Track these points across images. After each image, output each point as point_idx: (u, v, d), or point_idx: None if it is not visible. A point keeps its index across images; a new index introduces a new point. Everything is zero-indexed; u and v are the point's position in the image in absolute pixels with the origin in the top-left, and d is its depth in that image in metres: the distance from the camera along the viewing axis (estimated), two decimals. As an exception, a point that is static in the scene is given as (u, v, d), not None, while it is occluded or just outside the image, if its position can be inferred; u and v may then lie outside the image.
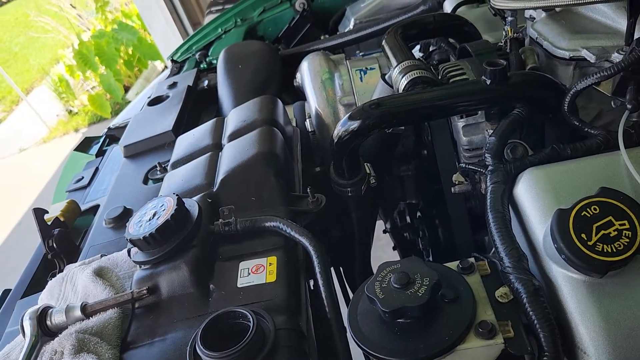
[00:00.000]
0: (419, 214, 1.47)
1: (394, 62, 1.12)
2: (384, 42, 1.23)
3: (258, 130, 1.15)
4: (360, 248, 1.26)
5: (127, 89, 7.34)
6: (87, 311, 0.88)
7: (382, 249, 1.80)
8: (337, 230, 1.25)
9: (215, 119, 1.30)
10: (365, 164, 1.13)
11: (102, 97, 7.03)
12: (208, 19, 3.31)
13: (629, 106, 0.89)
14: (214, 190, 1.06)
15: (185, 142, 1.27)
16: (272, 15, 2.14)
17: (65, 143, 7.05)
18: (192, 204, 0.99)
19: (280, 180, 1.06)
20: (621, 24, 1.06)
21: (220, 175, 1.08)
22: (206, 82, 1.73)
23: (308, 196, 1.06)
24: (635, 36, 1.00)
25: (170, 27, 5.77)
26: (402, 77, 1.04)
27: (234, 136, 1.19)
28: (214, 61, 1.98)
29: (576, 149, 0.91)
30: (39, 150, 7.30)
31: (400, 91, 1.03)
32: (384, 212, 1.61)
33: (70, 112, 7.88)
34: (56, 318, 0.87)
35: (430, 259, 1.42)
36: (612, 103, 1.00)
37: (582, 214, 0.74)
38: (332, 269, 1.40)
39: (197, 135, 1.28)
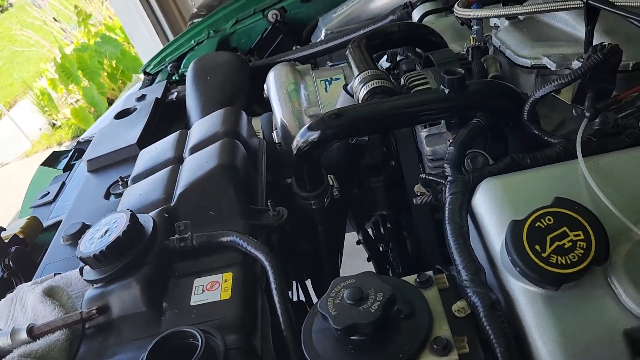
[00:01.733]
0: (388, 225, 1.45)
1: (355, 72, 1.11)
2: (347, 52, 1.21)
3: (219, 143, 1.13)
4: (328, 261, 1.23)
5: (110, 102, 7.29)
6: (34, 333, 0.85)
7: (363, 260, 1.77)
8: (306, 243, 1.23)
9: (178, 131, 1.28)
10: (328, 175, 1.11)
11: (85, 110, 6.97)
12: (189, 30, 3.28)
13: (587, 114, 0.88)
14: (172, 204, 1.04)
15: (147, 156, 1.24)
16: (245, 27, 2.12)
17: (48, 157, 6.96)
18: (147, 220, 0.96)
19: (239, 194, 1.04)
20: (581, 31, 1.06)
21: (178, 189, 1.05)
22: (175, 94, 1.70)
23: (269, 210, 1.04)
24: (594, 43, 0.99)
25: (153, 39, 5.73)
26: (362, 87, 1.02)
27: (195, 149, 1.17)
28: (186, 72, 1.96)
29: (536, 158, 0.89)
30: (22, 164, 7.22)
31: (360, 101, 1.02)
32: (356, 224, 1.59)
33: (53, 125, 7.82)
34: (1, 342, 0.84)
35: (400, 271, 1.40)
36: (574, 111, 0.99)
37: (537, 225, 0.73)
38: (305, 282, 1.38)
39: (159, 148, 1.25)
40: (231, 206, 1.02)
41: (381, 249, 1.67)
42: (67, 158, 1.76)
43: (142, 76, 2.20)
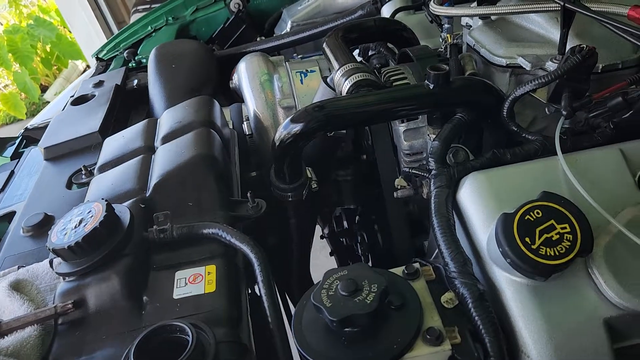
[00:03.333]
0: (357, 218, 1.46)
1: (335, 64, 1.11)
2: (325, 45, 1.21)
3: (195, 132, 1.10)
4: (299, 256, 1.23)
5: (44, 89, 6.92)
6: (2, 329, 0.79)
7: (318, 255, 1.77)
8: (274, 237, 1.21)
9: (147, 119, 1.23)
10: (306, 168, 1.11)
11: (16, 96, 6.57)
12: (134, 17, 3.18)
13: (564, 112, 0.92)
14: (147, 195, 1.00)
15: (114, 144, 1.19)
16: (206, 15, 2.07)
17: (-25, 145, 6.52)
18: (123, 210, 0.92)
19: (219, 184, 1.02)
20: (553, 33, 1.10)
21: (153, 179, 1.01)
22: (136, 82, 1.64)
23: (248, 201, 1.02)
24: (568, 46, 1.04)
25: (93, 25, 5.50)
26: (346, 80, 1.02)
27: (168, 138, 1.13)
28: (144, 60, 1.89)
29: (515, 154, 0.92)
30: (-56, 152, 6.72)
31: (344, 94, 1.01)
32: (321, 218, 1.59)
33: (-21, 111, 7.33)
34: (-34, 338, 0.78)
35: (370, 264, 1.41)
36: (547, 110, 1.03)
37: (526, 218, 0.75)
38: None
39: (127, 136, 1.20)
40: (211, 197, 1.00)
41: (345, 243, 1.68)
42: (15, 145, 1.65)
43: (78, 63, 2.09)
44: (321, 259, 1.82)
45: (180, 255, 0.92)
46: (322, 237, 1.66)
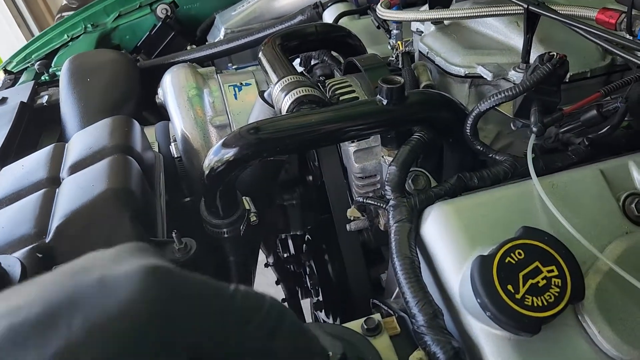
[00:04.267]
0: (305, 247, 1.32)
1: (273, 77, 0.96)
2: (260, 54, 1.06)
3: (108, 160, 0.92)
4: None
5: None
6: None
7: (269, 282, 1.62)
8: (212, 274, 1.05)
9: (53, 145, 1.04)
10: (244, 198, 0.95)
11: None
12: (58, 24, 2.91)
13: (534, 129, 0.81)
14: (47, 240, 0.82)
15: (11, 176, 0.99)
16: (130, 22, 1.87)
17: None
18: (13, 263, 0.74)
19: (137, 225, 0.84)
20: (513, 39, 1.00)
21: (55, 221, 0.83)
22: (46, 98, 1.43)
23: (174, 242, 0.85)
24: (532, 55, 0.93)
25: (13, 31, 5.12)
26: (285, 96, 0.87)
27: (76, 167, 0.95)
28: (58, 72, 1.68)
29: (483, 177, 0.80)
30: None
31: (284, 112, 0.87)
32: (265, 246, 1.44)
33: None
34: None
35: (320, 298, 1.27)
36: (512, 125, 0.92)
37: (507, 261, 0.63)
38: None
39: (28, 166, 1.01)
40: (126, 241, 0.82)
41: (292, 269, 1.53)
42: None
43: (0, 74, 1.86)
44: (264, 287, 1.66)
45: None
46: (266, 265, 1.50)
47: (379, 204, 0.81)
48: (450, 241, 0.71)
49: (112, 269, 0.35)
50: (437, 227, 0.73)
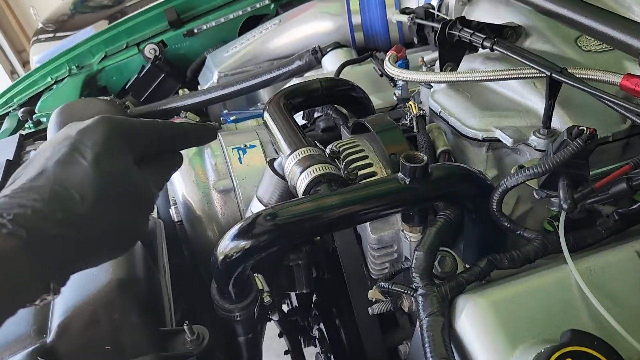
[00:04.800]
0: (313, 310, 1.26)
1: (284, 146, 0.91)
2: (266, 115, 1.01)
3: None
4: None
5: None
6: None
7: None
8: (222, 354, 0.99)
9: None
10: (256, 276, 0.90)
11: None
12: (35, 49, 2.83)
13: (564, 206, 0.77)
14: (48, 340, 0.75)
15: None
16: (116, 63, 1.81)
17: None
18: (14, 375, 0.67)
19: (144, 316, 0.79)
20: (532, 100, 0.97)
21: (56, 318, 0.77)
22: (32, 154, 1.35)
23: (184, 332, 0.80)
24: (554, 119, 0.90)
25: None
26: (301, 173, 0.83)
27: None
28: (43, 119, 1.61)
29: (513, 259, 0.76)
30: None
31: (300, 192, 0.82)
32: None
33: None
34: None
35: (333, 366, 1.22)
36: (535, 194, 0.88)
37: (557, 372, 0.59)
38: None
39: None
40: (135, 336, 0.77)
41: (296, 321, 1.48)
42: None
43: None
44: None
45: None
46: (269, 319, 1.45)
47: (406, 292, 0.76)
48: (488, 340, 0.67)
49: None
50: (473, 323, 0.69)
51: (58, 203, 0.55)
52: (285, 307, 1.57)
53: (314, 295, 1.26)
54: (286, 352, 1.51)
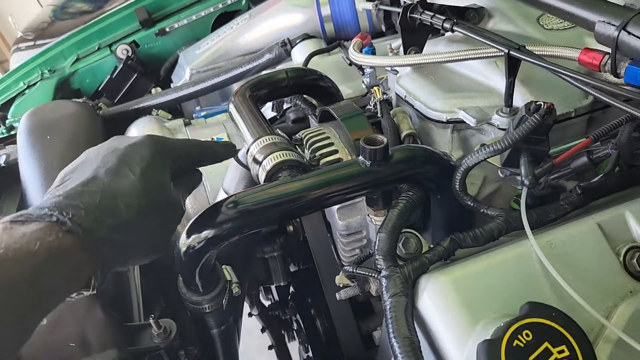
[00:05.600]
0: (290, 301, 1.26)
1: (247, 136, 0.91)
2: (231, 107, 1.00)
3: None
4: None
5: None
6: None
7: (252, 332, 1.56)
8: (195, 347, 0.99)
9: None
10: (224, 268, 0.89)
11: None
12: (15, 58, 2.80)
13: (526, 182, 0.77)
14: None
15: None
16: (89, 65, 1.79)
17: None
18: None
19: (109, 312, 0.78)
20: (494, 80, 0.97)
21: (20, 317, 0.76)
22: (4, 158, 1.34)
23: (151, 326, 0.79)
24: (517, 97, 0.90)
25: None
26: (263, 160, 0.82)
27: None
28: (16, 124, 1.59)
29: (477, 237, 0.76)
30: None
31: (262, 180, 0.82)
32: (249, 297, 1.37)
33: None
34: None
35: (310, 354, 1.21)
36: (500, 173, 0.88)
37: (515, 344, 0.59)
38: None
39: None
40: (100, 332, 0.76)
41: (277, 315, 1.47)
42: None
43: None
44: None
45: None
46: (250, 315, 1.44)
47: (371, 275, 0.76)
48: (450, 317, 0.67)
49: None
50: (435, 301, 0.69)
51: (108, 209, 0.61)
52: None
53: (291, 287, 1.26)
54: (270, 347, 1.51)
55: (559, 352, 0.59)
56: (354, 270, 0.77)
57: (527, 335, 0.59)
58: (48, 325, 0.75)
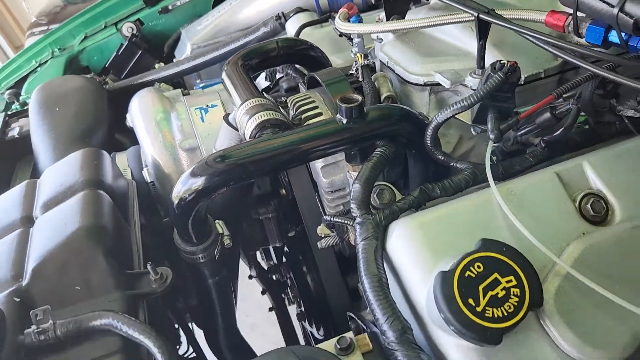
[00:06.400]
0: (284, 259, 1.33)
1: (237, 100, 0.97)
2: (223, 75, 1.07)
3: (79, 196, 0.93)
4: (223, 316, 1.08)
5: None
6: None
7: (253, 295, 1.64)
8: (193, 298, 1.07)
9: (25, 183, 1.05)
10: (216, 222, 0.97)
11: None
12: (29, 42, 2.89)
13: (491, 136, 0.83)
14: (24, 283, 0.83)
15: (-15, 218, 1.00)
16: (96, 43, 1.87)
17: None
18: (-9, 311, 0.75)
19: (111, 260, 0.86)
20: (470, 44, 1.02)
21: (31, 263, 0.84)
22: (17, 130, 1.43)
23: (149, 273, 0.87)
24: (487, 57, 0.95)
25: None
26: (248, 120, 0.89)
27: (49, 205, 0.96)
28: (29, 100, 1.67)
29: (445, 188, 0.82)
30: None
31: (247, 137, 0.88)
32: (247, 258, 1.45)
33: None
34: None
35: (302, 309, 1.29)
36: (472, 130, 0.94)
37: (466, 275, 0.65)
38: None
39: (1, 206, 1.02)
40: (102, 277, 0.84)
41: (275, 279, 1.55)
42: None
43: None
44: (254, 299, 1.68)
45: (70, 356, 0.76)
46: (250, 277, 1.52)
47: (345, 222, 0.83)
48: (414, 256, 0.74)
49: None
50: (402, 242, 0.75)
51: None
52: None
53: (285, 247, 1.33)
54: (270, 309, 1.59)
55: (507, 282, 0.65)
56: (332, 219, 0.84)
57: (478, 267, 0.66)
58: (55, 269, 0.84)
